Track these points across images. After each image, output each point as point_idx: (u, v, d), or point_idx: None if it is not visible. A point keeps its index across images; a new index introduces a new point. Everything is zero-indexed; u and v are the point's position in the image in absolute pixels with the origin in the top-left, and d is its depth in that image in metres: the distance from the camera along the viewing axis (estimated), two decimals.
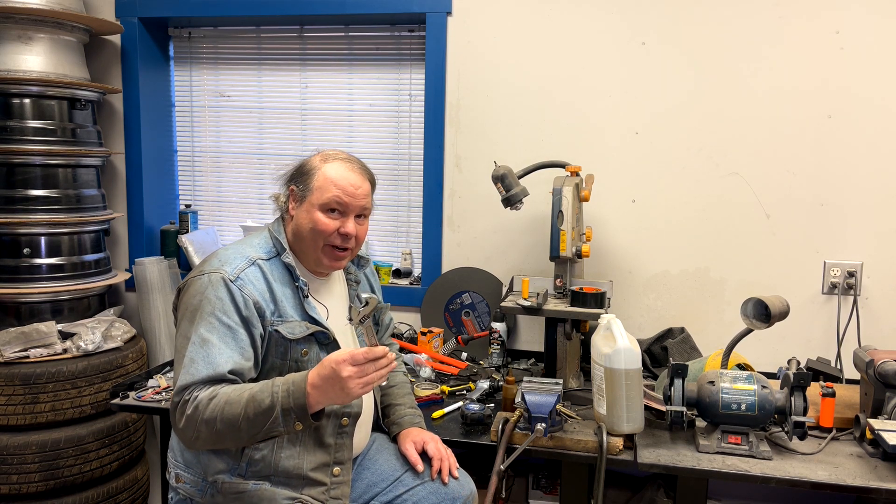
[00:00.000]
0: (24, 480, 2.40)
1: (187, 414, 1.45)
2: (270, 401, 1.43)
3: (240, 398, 1.44)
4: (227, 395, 1.45)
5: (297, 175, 1.67)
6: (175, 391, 1.49)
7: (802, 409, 1.70)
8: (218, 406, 1.43)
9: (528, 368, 2.50)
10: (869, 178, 2.38)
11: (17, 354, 2.41)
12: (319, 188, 1.62)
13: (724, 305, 2.52)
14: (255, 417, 1.42)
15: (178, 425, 1.47)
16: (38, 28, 2.50)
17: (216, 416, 1.43)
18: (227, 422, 1.43)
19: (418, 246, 2.85)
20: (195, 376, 1.46)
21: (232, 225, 3.10)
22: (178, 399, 1.47)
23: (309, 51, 2.91)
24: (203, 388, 1.47)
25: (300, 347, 1.59)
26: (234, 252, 1.60)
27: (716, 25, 2.42)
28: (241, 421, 1.43)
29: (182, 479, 1.63)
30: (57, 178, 2.57)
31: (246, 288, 1.54)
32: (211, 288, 1.52)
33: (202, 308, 1.51)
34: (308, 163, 1.68)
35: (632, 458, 1.74)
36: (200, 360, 1.48)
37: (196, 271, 1.58)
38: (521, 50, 2.57)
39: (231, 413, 1.43)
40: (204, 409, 1.44)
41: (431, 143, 2.68)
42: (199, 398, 1.45)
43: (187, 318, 1.53)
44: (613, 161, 2.54)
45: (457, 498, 1.72)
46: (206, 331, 1.49)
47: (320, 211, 1.61)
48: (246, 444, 1.52)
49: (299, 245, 1.66)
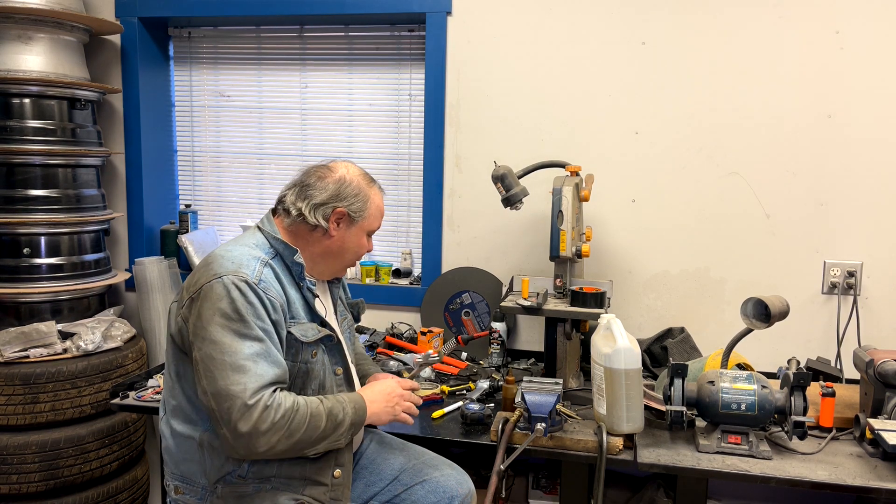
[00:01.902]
0: (24, 480, 2.40)
1: (274, 420, 1.42)
2: (343, 416, 1.54)
3: (319, 413, 1.50)
4: (308, 409, 1.49)
5: (348, 196, 1.63)
6: (248, 392, 1.41)
7: (802, 408, 1.70)
8: (303, 419, 1.47)
9: (528, 368, 2.50)
10: (869, 178, 2.38)
11: (17, 354, 2.41)
12: (371, 216, 1.68)
13: (724, 305, 2.52)
14: (331, 430, 1.52)
15: (259, 428, 1.41)
16: (38, 28, 2.50)
17: (302, 428, 1.46)
18: (308, 434, 1.48)
19: (418, 246, 2.85)
20: (265, 377, 1.44)
21: (232, 225, 3.10)
22: (254, 401, 1.41)
23: (309, 51, 2.91)
24: (274, 391, 1.46)
25: (311, 349, 1.58)
26: (241, 254, 1.54)
27: (716, 25, 2.42)
28: (319, 434, 1.50)
29: (181, 490, 1.61)
30: (57, 178, 2.57)
31: (270, 290, 1.51)
32: (237, 291, 1.46)
33: (238, 310, 1.45)
34: (353, 183, 1.65)
35: (632, 458, 1.74)
36: (263, 360, 1.45)
37: (208, 275, 1.49)
38: (521, 50, 2.57)
39: (314, 426, 1.49)
40: (291, 420, 1.45)
41: (431, 143, 2.68)
42: (285, 408, 1.45)
43: (218, 325, 1.45)
44: (613, 161, 2.54)
45: (455, 497, 1.73)
46: (255, 332, 1.46)
47: (366, 235, 1.70)
48: (303, 454, 1.53)
49: (323, 259, 1.66)
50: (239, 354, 1.43)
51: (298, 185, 1.64)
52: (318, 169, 1.66)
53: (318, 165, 1.68)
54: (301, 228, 1.63)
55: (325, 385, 1.61)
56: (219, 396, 1.42)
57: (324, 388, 1.61)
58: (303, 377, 1.57)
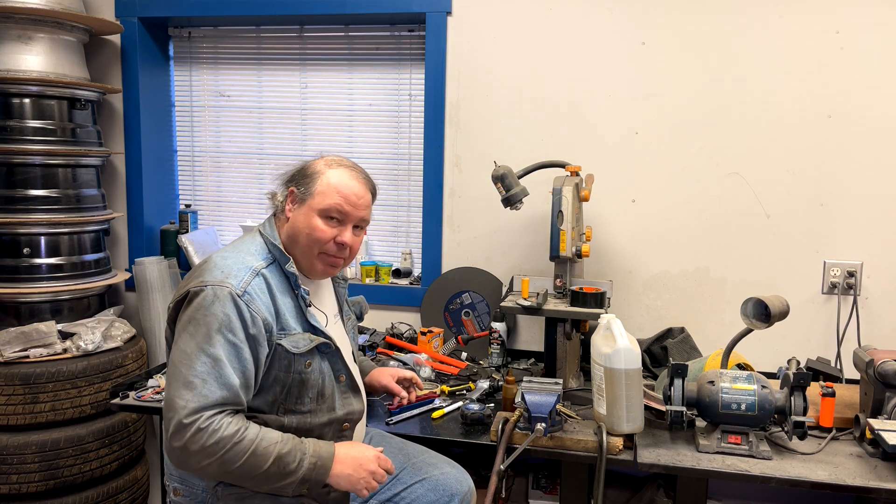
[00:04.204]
0: (24, 480, 2.40)
1: (205, 444, 1.39)
2: (296, 467, 1.45)
3: (265, 452, 1.43)
4: (253, 443, 1.42)
5: (299, 176, 1.63)
6: (186, 411, 1.39)
7: (802, 408, 1.70)
8: (242, 452, 1.41)
9: (528, 368, 2.50)
10: (869, 178, 2.38)
11: (17, 354, 2.41)
12: (321, 193, 1.58)
13: (724, 305, 2.52)
14: (275, 476, 1.44)
15: (188, 448, 1.39)
16: (38, 28, 2.50)
17: (237, 461, 1.41)
18: (245, 470, 1.42)
19: (418, 246, 2.85)
20: (209, 398, 1.41)
21: (232, 225, 3.10)
22: (189, 421, 1.39)
23: (309, 51, 2.91)
24: (220, 415, 1.42)
25: (304, 360, 1.56)
26: (234, 262, 1.53)
27: (716, 25, 2.42)
28: (259, 474, 1.43)
29: (180, 492, 1.61)
30: (57, 178, 2.57)
31: (254, 304, 1.48)
32: (218, 303, 1.45)
33: (208, 324, 1.44)
34: (311, 165, 1.64)
35: (632, 458, 1.74)
36: (213, 380, 1.42)
37: (197, 282, 1.49)
38: (521, 49, 2.57)
39: (253, 464, 1.42)
40: (226, 449, 1.40)
41: (431, 143, 2.68)
42: (221, 434, 1.40)
43: (188, 333, 1.45)
44: (613, 161, 2.54)
45: (455, 494, 1.73)
46: (216, 349, 1.43)
47: (319, 217, 1.58)
48: (247, 486, 1.50)
49: (294, 248, 1.61)
50: (192, 370, 1.42)
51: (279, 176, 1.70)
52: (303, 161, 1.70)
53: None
54: (279, 217, 1.65)
55: (325, 393, 1.60)
56: (167, 405, 1.44)
57: (323, 396, 1.59)
58: (298, 387, 1.56)
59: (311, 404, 1.58)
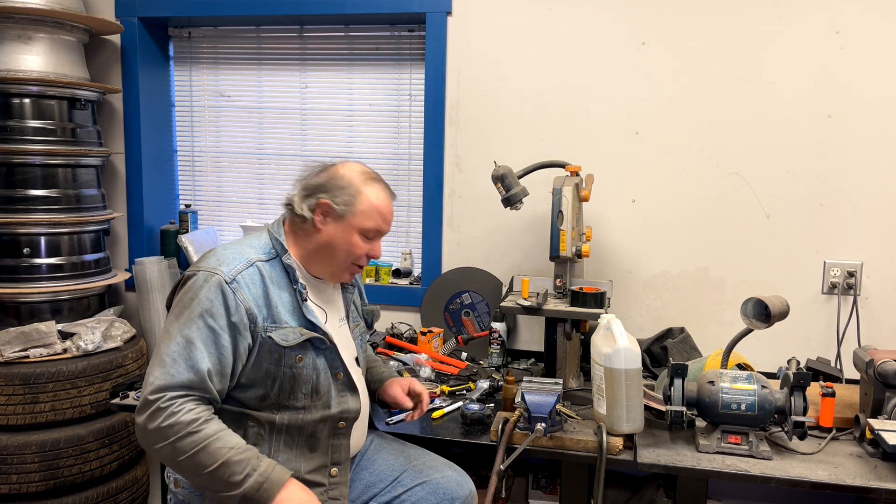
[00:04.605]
0: (24, 480, 2.40)
1: (160, 424, 1.39)
2: (241, 479, 1.41)
3: (216, 453, 1.40)
4: (208, 439, 1.41)
5: (333, 188, 1.59)
6: (151, 388, 1.42)
7: (802, 408, 1.70)
8: (193, 445, 1.40)
9: (528, 368, 2.50)
10: (869, 178, 2.38)
11: (17, 354, 2.41)
12: (363, 213, 1.60)
13: (724, 305, 2.52)
14: (219, 482, 1.41)
15: (146, 426, 1.40)
16: (38, 28, 2.50)
17: (186, 452, 1.40)
18: (191, 465, 1.40)
19: (418, 246, 2.85)
20: (175, 378, 1.43)
21: (232, 225, 3.10)
22: (153, 398, 1.41)
23: (309, 51, 2.91)
24: (184, 398, 1.43)
25: (294, 354, 1.55)
26: (233, 252, 1.57)
27: (716, 25, 2.42)
28: (204, 474, 1.41)
29: (180, 483, 1.62)
30: (57, 178, 2.57)
31: (240, 292, 1.50)
32: (205, 288, 1.48)
33: (192, 307, 1.48)
34: (342, 176, 1.61)
35: (632, 458, 1.74)
36: (182, 361, 1.44)
37: (192, 268, 1.55)
38: (521, 50, 2.57)
39: (200, 461, 1.40)
40: (178, 435, 1.39)
41: (431, 143, 2.68)
42: (178, 419, 1.39)
43: (174, 314, 1.50)
44: (613, 161, 2.54)
45: (455, 498, 1.73)
46: (192, 332, 1.46)
47: (358, 235, 1.61)
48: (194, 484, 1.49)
49: (321, 258, 1.63)
50: (168, 349, 1.46)
51: (299, 180, 1.66)
52: (322, 165, 1.67)
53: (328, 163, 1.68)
54: (296, 222, 1.64)
55: (321, 390, 1.60)
56: (144, 380, 1.47)
57: (318, 392, 1.59)
58: (290, 382, 1.56)
59: (305, 400, 1.58)
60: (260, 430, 1.56)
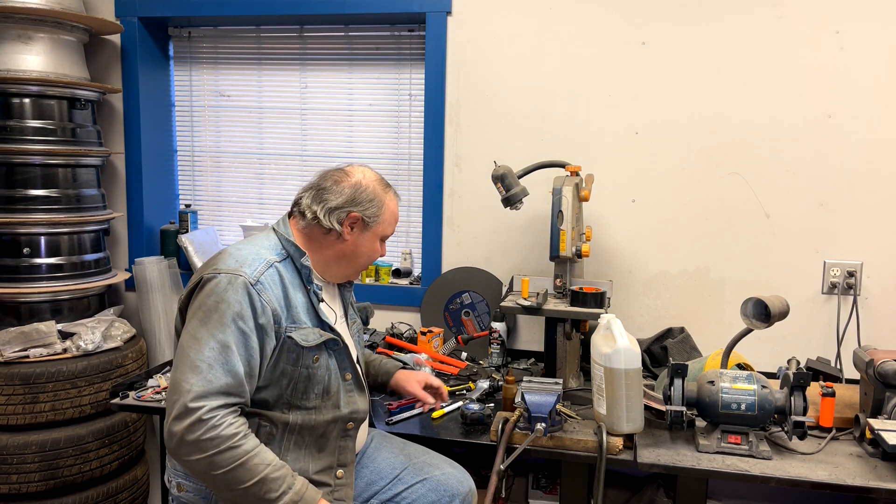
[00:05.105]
0: (24, 480, 2.40)
1: (201, 437, 1.38)
2: (277, 497, 1.42)
3: (254, 469, 1.40)
4: (247, 455, 1.40)
5: (363, 201, 1.63)
6: (191, 395, 1.39)
7: (802, 408, 1.70)
8: (233, 459, 1.39)
9: (528, 368, 2.50)
10: (869, 178, 2.38)
11: (17, 354, 2.41)
12: (386, 222, 1.68)
13: (724, 305, 2.52)
14: (252, 498, 1.41)
15: (185, 437, 1.38)
16: (38, 28, 2.50)
17: (224, 466, 1.39)
18: (228, 479, 1.40)
19: (418, 246, 2.85)
20: (213, 383, 1.41)
21: (232, 225, 3.10)
22: (194, 406, 1.38)
23: (309, 51, 2.91)
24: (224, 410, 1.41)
25: (312, 354, 1.56)
26: (250, 252, 1.55)
27: (716, 25, 2.42)
28: (239, 489, 1.41)
29: (184, 487, 1.60)
30: (57, 177, 2.57)
31: (265, 293, 1.50)
32: (231, 290, 1.46)
33: (220, 310, 1.45)
34: (368, 188, 1.64)
35: (632, 458, 1.74)
36: (219, 366, 1.42)
37: (211, 269, 1.51)
38: (521, 50, 2.57)
39: (238, 476, 1.40)
40: (218, 449, 1.38)
41: (431, 143, 2.68)
42: (219, 432, 1.38)
43: (199, 318, 1.46)
44: (613, 161, 2.54)
45: (456, 495, 1.73)
46: (227, 336, 1.44)
47: (379, 241, 1.70)
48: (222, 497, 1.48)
49: (336, 262, 1.65)
50: (200, 354, 1.43)
51: (314, 189, 1.64)
52: (334, 173, 1.66)
53: (335, 169, 1.67)
54: (315, 231, 1.63)
55: (331, 390, 1.60)
56: (171, 388, 1.44)
57: (329, 393, 1.60)
58: (304, 382, 1.56)
59: (317, 400, 1.58)
60: (272, 429, 1.55)
